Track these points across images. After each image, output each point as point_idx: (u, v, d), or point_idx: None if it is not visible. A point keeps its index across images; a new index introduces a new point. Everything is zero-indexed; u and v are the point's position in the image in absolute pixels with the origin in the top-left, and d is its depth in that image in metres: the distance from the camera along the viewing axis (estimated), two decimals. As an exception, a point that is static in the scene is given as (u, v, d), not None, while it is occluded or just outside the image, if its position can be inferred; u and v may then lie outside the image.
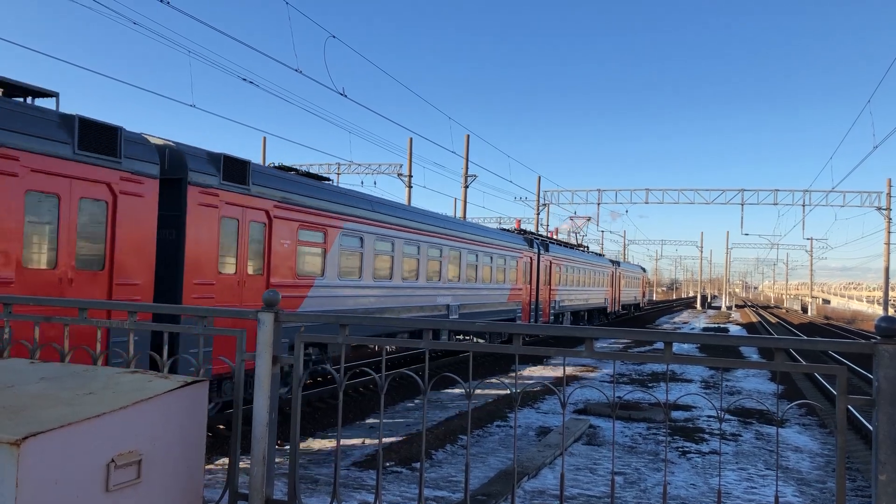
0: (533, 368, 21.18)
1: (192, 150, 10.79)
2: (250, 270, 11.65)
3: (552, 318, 29.06)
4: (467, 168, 36.63)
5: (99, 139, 8.89)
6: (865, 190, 46.10)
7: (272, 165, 14.27)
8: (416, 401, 14.59)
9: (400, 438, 10.84)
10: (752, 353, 27.27)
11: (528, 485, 8.55)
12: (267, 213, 11.94)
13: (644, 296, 68.54)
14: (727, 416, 13.69)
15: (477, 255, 21.89)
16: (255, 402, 4.13)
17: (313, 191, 13.49)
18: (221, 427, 10.91)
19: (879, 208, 45.64)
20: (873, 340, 3.16)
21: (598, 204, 51.21)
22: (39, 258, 8.35)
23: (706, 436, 11.90)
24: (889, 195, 45.18)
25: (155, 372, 4.14)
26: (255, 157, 36.93)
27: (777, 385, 4.72)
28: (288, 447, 4.25)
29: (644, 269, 72.14)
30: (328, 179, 15.35)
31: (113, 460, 3.37)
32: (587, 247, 45.95)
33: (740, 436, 12.12)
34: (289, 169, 13.79)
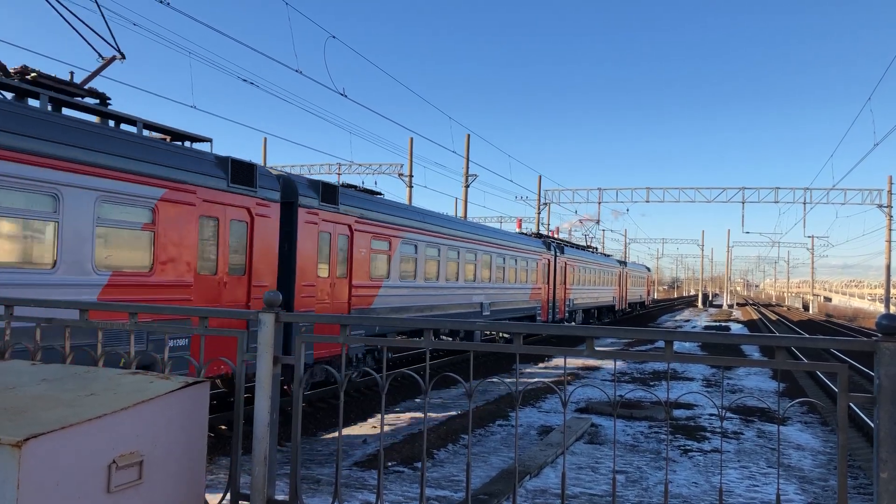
0: (535, 368, 21.18)
1: (299, 178, 13.40)
2: (338, 274, 14.05)
3: (567, 315, 31.27)
4: (468, 168, 36.64)
5: (243, 174, 11.28)
6: (866, 187, 46.20)
7: (343, 184, 16.51)
8: (418, 400, 14.59)
9: (402, 438, 10.84)
10: (753, 352, 27.27)
11: (530, 484, 8.55)
12: (350, 227, 14.49)
13: (649, 294, 71.25)
14: (729, 415, 13.69)
15: (504, 259, 24.45)
16: (256, 403, 4.13)
17: (382, 207, 16.07)
18: (223, 427, 10.92)
19: (880, 206, 45.60)
20: (874, 338, 3.15)
21: (599, 203, 51.18)
22: (207, 266, 10.74)
23: (708, 434, 11.90)
24: (890, 192, 45.15)
25: (156, 373, 4.14)
26: (256, 159, 36.89)
27: (779, 383, 4.67)
28: (289, 447, 4.25)
29: (649, 269, 74.49)
30: (381, 194, 17.33)
31: (114, 461, 3.37)
32: (596, 248, 48.81)
33: (742, 434, 12.11)
34: (352, 187, 16.22)
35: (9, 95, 8.64)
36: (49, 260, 8.18)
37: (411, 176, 36.34)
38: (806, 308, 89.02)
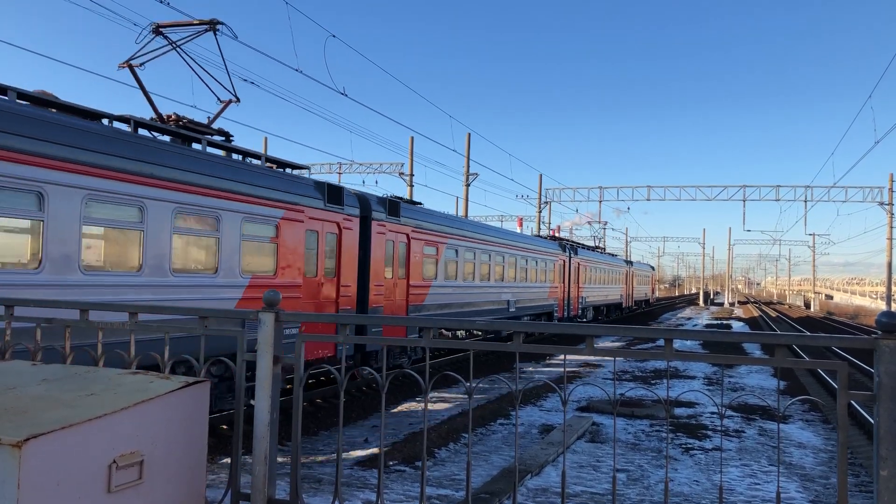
0: (537, 366, 21.18)
1: (371, 196, 15.75)
2: (399, 275, 16.60)
3: (580, 311, 33.94)
4: (468, 166, 36.63)
5: (334, 195, 13.85)
6: (867, 185, 46.06)
7: (399, 198, 18.76)
8: (419, 399, 14.60)
9: (403, 437, 10.85)
10: (754, 350, 27.26)
11: (531, 482, 8.55)
12: (407, 235, 16.94)
13: (653, 292, 75.90)
14: (730, 413, 13.69)
15: (526, 260, 26.92)
16: (256, 402, 4.13)
17: (431, 217, 18.62)
18: (224, 427, 10.92)
19: (882, 203, 45.56)
20: (874, 336, 3.15)
21: (600, 201, 51.18)
22: (310, 270, 13.02)
23: (709, 432, 11.90)
24: (891, 190, 45.11)
25: (156, 373, 4.15)
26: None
27: (778, 381, 4.68)
28: (290, 446, 4.25)
29: (653, 268, 79.00)
30: (421, 203, 19.39)
31: (115, 461, 3.38)
32: (603, 248, 52.83)
33: (743, 432, 12.11)
34: (409, 202, 18.85)
35: (161, 137, 10.83)
36: (213, 266, 10.74)
37: (412, 175, 36.33)
38: (807, 306, 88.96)
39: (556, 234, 45.83)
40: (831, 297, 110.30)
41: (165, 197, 9.73)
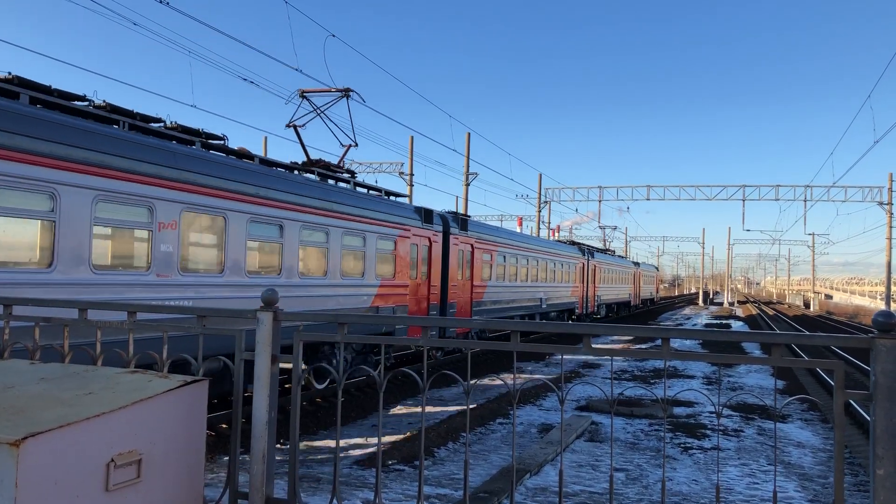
0: (536, 366, 21.19)
1: (448, 214, 20.27)
2: (466, 277, 21.05)
3: (596, 308, 37.86)
4: (468, 166, 36.64)
5: (427, 216, 18.31)
6: (867, 185, 46.07)
7: (464, 215, 22.39)
8: (418, 398, 14.60)
9: (402, 437, 10.85)
10: (754, 349, 27.26)
11: (530, 482, 8.55)
12: (472, 245, 21.35)
13: (657, 291, 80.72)
14: (730, 413, 13.69)
15: (555, 263, 31.52)
16: (254, 401, 4.14)
17: (487, 229, 23.57)
18: (223, 426, 10.93)
19: (881, 203, 45.56)
20: (871, 335, 3.16)
21: (600, 201, 51.19)
22: (412, 274, 17.35)
23: (708, 432, 11.90)
24: (891, 190, 45.12)
25: (155, 372, 4.15)
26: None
27: (775, 380, 4.68)
28: (289, 445, 4.26)
29: (657, 268, 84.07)
30: (471, 217, 23.53)
31: (113, 460, 3.38)
32: (614, 251, 58.31)
33: (742, 432, 12.12)
34: (466, 216, 22.56)
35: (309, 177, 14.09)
36: (361, 272, 14.81)
37: (412, 174, 36.34)
38: (807, 306, 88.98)
39: (556, 234, 46.20)
40: (831, 297, 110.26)
41: (340, 224, 13.95)
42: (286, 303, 8.83)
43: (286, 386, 12.46)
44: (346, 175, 15.61)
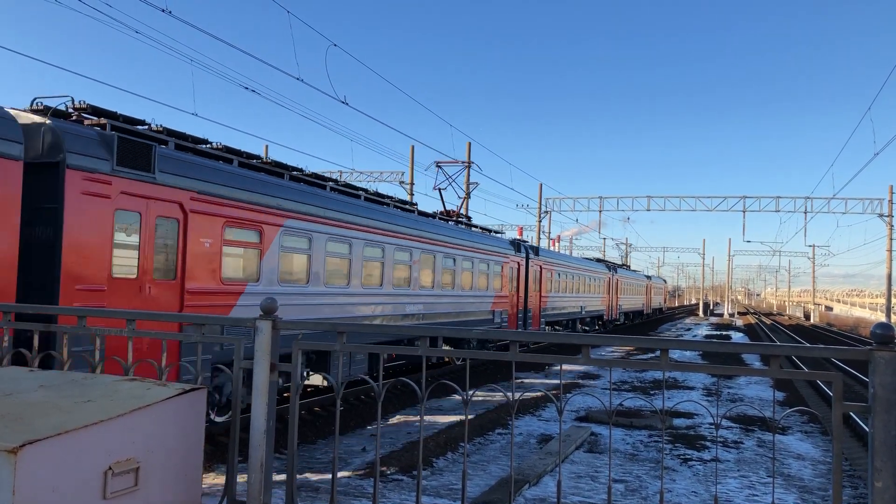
0: (536, 376, 21.15)
1: (527, 243, 28.04)
2: (536, 290, 27.68)
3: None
4: (469, 175, 36.65)
5: (517, 246, 25.64)
6: (867, 197, 46.26)
7: (534, 245, 29.89)
8: (417, 407, 14.56)
9: (401, 446, 10.82)
10: (754, 361, 27.21)
11: (528, 493, 8.53)
12: (541, 266, 28.25)
13: (665, 301, 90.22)
14: (729, 424, 13.65)
15: (590, 278, 38.27)
16: (252, 410, 4.13)
17: (550, 254, 31.80)
18: (221, 435, 10.90)
19: (881, 215, 45.57)
20: (869, 347, 3.16)
21: (600, 211, 51.21)
22: (511, 288, 24.77)
23: (708, 443, 11.87)
24: (891, 202, 45.13)
25: (153, 379, 4.15)
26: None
27: (774, 392, 4.67)
28: (287, 454, 4.25)
29: (665, 280, 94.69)
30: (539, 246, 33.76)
31: (110, 468, 3.38)
32: (629, 265, 66.72)
33: (742, 443, 12.08)
34: (538, 247, 30.03)
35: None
36: (486, 286, 22.12)
37: (412, 184, 36.39)
38: (807, 317, 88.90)
39: (557, 244, 46.73)
40: (831, 309, 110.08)
41: (475, 256, 21.04)
42: (434, 307, 18.29)
43: (285, 395, 12.45)
44: (465, 220, 23.17)
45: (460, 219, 22.63)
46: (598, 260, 47.94)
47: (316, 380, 14.88)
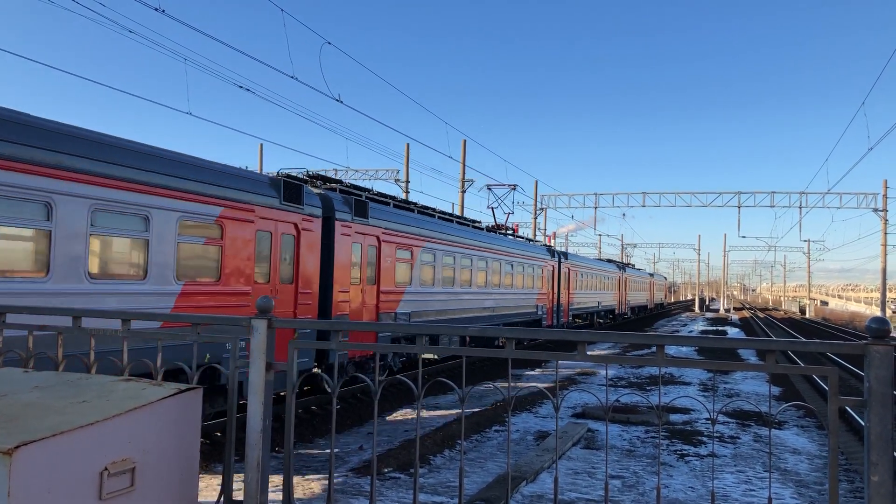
0: (533, 373, 21.17)
1: (555, 249, 35.31)
2: (565, 289, 32.19)
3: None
4: (464, 173, 36.65)
5: (550, 250, 31.90)
6: (862, 191, 46.19)
7: (565, 251, 38.44)
8: (414, 405, 14.56)
9: (398, 444, 10.82)
10: (750, 356, 27.28)
11: (526, 489, 8.53)
12: (569, 268, 33.17)
13: (666, 296, 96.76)
14: (726, 419, 13.68)
15: (606, 277, 43.91)
16: (248, 409, 4.12)
17: (578, 259, 37.86)
18: (218, 434, 10.89)
19: (876, 210, 45.70)
20: (864, 341, 3.16)
21: (595, 208, 51.26)
22: (547, 287, 30.43)
23: (704, 439, 11.90)
24: (885, 197, 45.26)
25: (149, 379, 4.13)
26: (252, 165, 37.04)
27: (770, 386, 4.69)
28: (283, 453, 4.24)
29: (665, 278, 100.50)
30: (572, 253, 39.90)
31: (106, 468, 3.36)
32: (633, 264, 74.14)
33: (739, 438, 12.11)
34: (566, 252, 36.31)
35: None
36: (531, 286, 27.27)
37: (408, 182, 36.36)
38: (802, 312, 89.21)
39: (552, 241, 46.97)
40: (826, 304, 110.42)
41: (525, 262, 25.08)
42: (501, 302, 23.55)
43: (281, 394, 12.43)
44: (512, 233, 28.71)
45: (509, 232, 28.15)
46: (609, 260, 53.87)
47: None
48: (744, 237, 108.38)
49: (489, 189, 30.20)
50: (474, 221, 23.63)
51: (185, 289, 9.95)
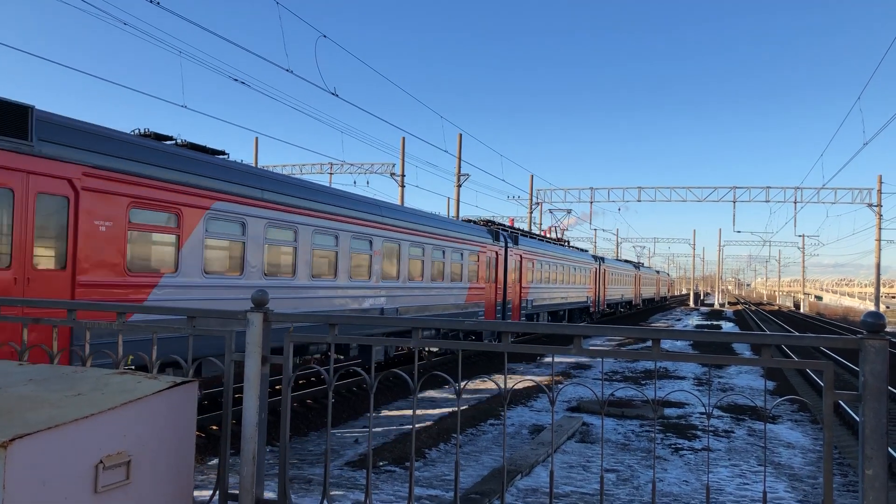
0: (528, 366, 21.20)
1: (594, 255, 45.34)
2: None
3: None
4: (460, 167, 36.62)
5: (586, 254, 41.63)
6: (856, 186, 46.39)
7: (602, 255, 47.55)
8: (410, 399, 14.57)
9: (393, 438, 10.83)
10: (744, 350, 27.36)
11: (521, 483, 8.55)
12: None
13: (668, 291, 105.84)
14: (720, 413, 13.73)
15: (630, 276, 56.01)
16: (244, 402, 4.12)
17: (615, 263, 52.07)
18: (214, 427, 10.88)
19: (870, 205, 45.82)
20: (859, 335, 3.17)
21: (591, 202, 51.31)
22: (592, 287, 39.16)
23: (699, 432, 11.94)
24: (880, 192, 45.38)
25: (144, 373, 4.12)
26: (247, 158, 36.94)
27: (765, 381, 4.72)
28: (279, 447, 4.24)
29: (668, 274, 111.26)
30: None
31: (101, 461, 3.35)
32: (642, 263, 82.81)
33: (733, 432, 12.16)
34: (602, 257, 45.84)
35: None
36: (571, 281, 35.55)
37: (403, 175, 36.30)
38: (797, 307, 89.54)
39: (548, 235, 46.87)
40: (820, 298, 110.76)
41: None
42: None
43: (276, 387, 12.42)
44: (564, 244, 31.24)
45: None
46: (626, 260, 57.14)
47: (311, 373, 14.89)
48: (739, 232, 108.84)
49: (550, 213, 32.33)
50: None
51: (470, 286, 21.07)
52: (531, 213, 49.19)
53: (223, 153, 12.34)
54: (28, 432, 3.06)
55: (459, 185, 36.55)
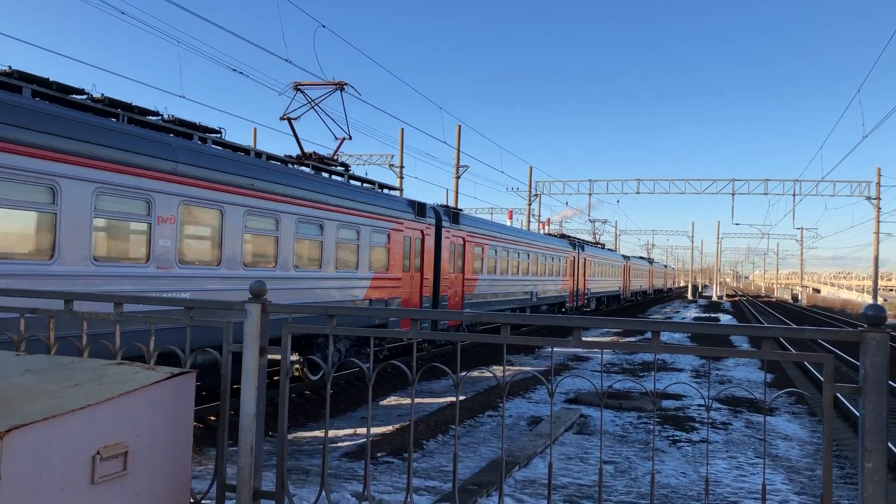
0: (526, 358, 21.22)
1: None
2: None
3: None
4: (458, 158, 36.58)
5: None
6: (855, 179, 46.31)
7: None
8: (408, 390, 14.58)
9: (391, 429, 10.84)
10: (742, 343, 27.41)
11: (519, 474, 8.56)
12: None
13: (665, 283, 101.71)
14: (718, 406, 13.76)
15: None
16: (242, 394, 4.11)
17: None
18: (212, 418, 10.89)
19: (869, 198, 45.83)
20: (860, 328, 3.16)
21: (590, 194, 51.26)
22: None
23: (696, 424, 11.96)
24: (878, 184, 45.37)
25: (142, 363, 4.10)
26: (245, 148, 36.91)
27: (765, 374, 4.71)
28: (277, 438, 4.23)
29: (666, 266, 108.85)
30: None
31: (98, 452, 3.34)
32: (653, 258, 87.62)
33: (730, 424, 12.18)
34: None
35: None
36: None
37: (402, 167, 36.24)
38: (795, 299, 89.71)
39: (547, 227, 47.09)
40: (819, 291, 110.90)
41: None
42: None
43: (275, 378, 12.43)
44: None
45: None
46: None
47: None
48: (737, 224, 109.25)
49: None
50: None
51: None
52: (529, 204, 49.15)
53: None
54: (25, 423, 3.04)
55: (458, 177, 36.52)
